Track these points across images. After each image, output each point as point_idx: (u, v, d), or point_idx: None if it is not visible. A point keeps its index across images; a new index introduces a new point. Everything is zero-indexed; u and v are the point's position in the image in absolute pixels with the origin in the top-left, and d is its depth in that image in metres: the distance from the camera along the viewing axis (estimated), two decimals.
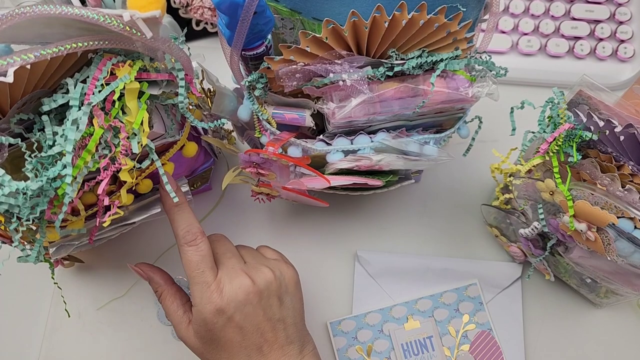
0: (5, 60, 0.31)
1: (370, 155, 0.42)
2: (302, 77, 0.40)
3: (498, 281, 0.55)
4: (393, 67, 0.40)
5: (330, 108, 0.40)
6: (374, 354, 0.53)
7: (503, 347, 0.53)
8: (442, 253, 0.57)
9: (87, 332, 0.56)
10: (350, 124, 0.42)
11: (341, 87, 0.39)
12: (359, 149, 0.42)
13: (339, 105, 0.40)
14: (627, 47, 0.61)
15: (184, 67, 0.39)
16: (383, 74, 0.40)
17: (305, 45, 0.38)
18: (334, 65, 0.39)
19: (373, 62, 0.40)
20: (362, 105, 0.40)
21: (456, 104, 0.41)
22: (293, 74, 0.39)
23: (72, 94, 0.36)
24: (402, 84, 0.40)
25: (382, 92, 0.40)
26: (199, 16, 0.61)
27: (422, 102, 0.40)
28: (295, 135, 0.44)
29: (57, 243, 0.45)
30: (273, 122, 0.43)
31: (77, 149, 0.35)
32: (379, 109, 0.41)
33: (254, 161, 0.44)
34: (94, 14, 0.32)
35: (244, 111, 0.44)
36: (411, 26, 0.37)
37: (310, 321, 0.55)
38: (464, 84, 0.40)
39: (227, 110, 0.45)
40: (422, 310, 0.54)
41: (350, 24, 0.36)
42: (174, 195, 0.41)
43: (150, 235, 0.58)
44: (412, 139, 0.43)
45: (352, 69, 0.39)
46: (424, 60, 0.39)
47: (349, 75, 0.39)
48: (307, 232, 0.58)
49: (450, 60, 0.40)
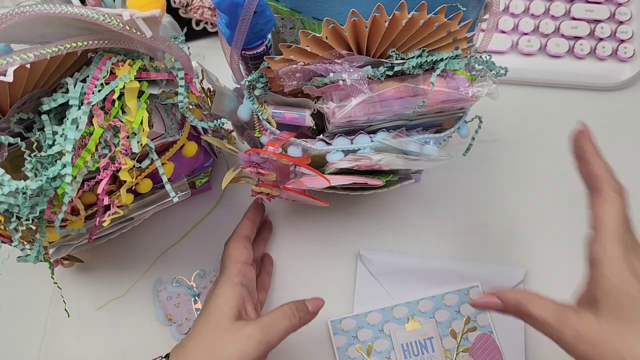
0: (5, 60, 0.31)
1: (370, 154, 0.42)
2: (302, 77, 0.40)
3: (500, 284, 0.55)
4: (393, 66, 0.40)
5: (330, 108, 0.40)
6: (373, 354, 0.53)
7: (504, 350, 0.53)
8: (444, 254, 0.57)
9: (87, 332, 0.56)
10: (351, 124, 0.42)
11: (341, 87, 0.39)
12: (359, 149, 0.42)
13: (339, 104, 0.40)
14: (627, 47, 0.61)
15: (184, 66, 0.39)
16: (383, 74, 0.40)
17: (306, 45, 0.38)
18: (334, 65, 0.39)
19: (373, 62, 0.40)
20: (362, 104, 0.40)
21: (456, 103, 0.41)
22: (293, 73, 0.39)
23: (72, 93, 0.36)
24: (402, 84, 0.40)
25: (382, 91, 0.40)
26: (199, 16, 0.61)
27: (422, 101, 0.40)
28: (295, 135, 0.44)
29: (57, 243, 0.45)
30: (273, 122, 0.43)
31: (76, 148, 0.35)
32: (379, 109, 0.41)
33: (254, 161, 0.44)
34: (94, 13, 0.32)
35: (244, 111, 0.44)
36: (411, 26, 0.37)
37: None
38: (464, 83, 0.40)
39: (227, 110, 0.45)
40: (424, 311, 0.54)
41: (350, 24, 0.36)
42: (173, 195, 0.41)
43: (150, 235, 0.58)
44: (412, 138, 0.43)
45: (352, 69, 0.39)
46: (424, 60, 0.39)
47: (349, 75, 0.39)
48: (308, 231, 0.58)
49: (450, 60, 0.40)
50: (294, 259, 0.57)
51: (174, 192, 0.41)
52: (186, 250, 0.58)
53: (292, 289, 0.56)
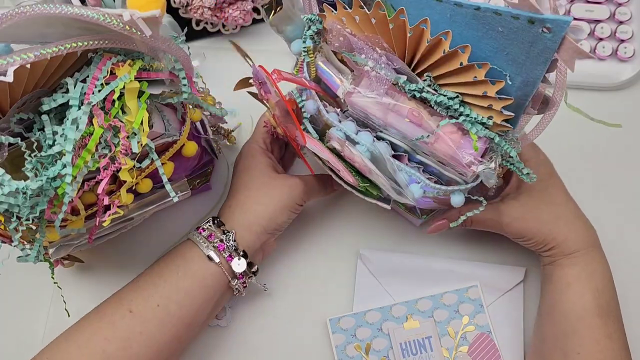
0: (5, 60, 0.31)
1: (362, 156, 0.41)
2: (345, 43, 0.39)
3: (499, 284, 0.55)
4: (423, 90, 0.38)
5: (349, 88, 0.40)
6: (372, 352, 0.53)
7: (502, 350, 0.53)
8: (444, 254, 0.57)
9: None
10: (367, 117, 0.42)
11: (369, 76, 0.39)
12: (357, 143, 0.42)
13: (358, 88, 0.40)
14: (627, 46, 0.61)
15: (184, 66, 0.39)
16: (412, 91, 0.39)
17: (355, 15, 0.38)
18: (371, 51, 0.38)
19: (410, 75, 0.39)
20: (377, 105, 0.40)
21: (458, 165, 0.40)
22: (338, 34, 0.39)
23: (72, 93, 0.36)
24: (420, 109, 0.39)
25: (399, 104, 0.39)
26: (199, 16, 0.61)
27: (423, 136, 0.39)
28: (317, 92, 0.44)
29: (57, 243, 0.45)
30: (312, 69, 0.43)
31: (77, 148, 0.35)
32: (389, 119, 0.40)
33: (259, 78, 0.44)
34: (94, 13, 0.32)
35: (296, 46, 0.43)
36: (450, 60, 0.36)
37: (310, 317, 0.55)
38: (469, 149, 0.38)
39: (286, 33, 0.45)
40: (422, 310, 0.54)
41: (399, 24, 0.36)
42: (173, 195, 0.42)
43: (150, 235, 0.58)
44: (405, 168, 0.42)
45: (385, 65, 0.38)
46: (453, 105, 0.38)
47: (375, 66, 0.38)
48: (309, 229, 0.58)
49: (472, 120, 0.38)
50: (294, 257, 0.57)
51: (174, 192, 0.42)
52: None
53: (293, 287, 0.57)
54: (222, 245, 0.47)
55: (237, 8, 0.60)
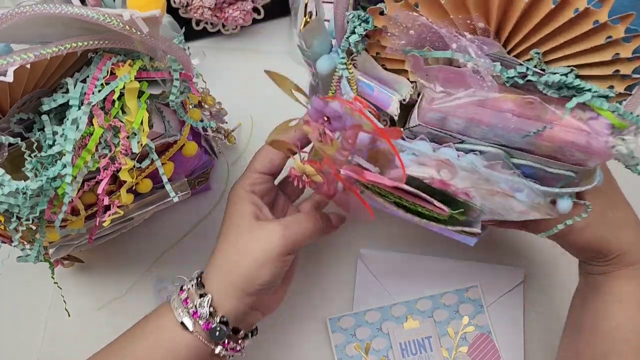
0: (5, 60, 0.31)
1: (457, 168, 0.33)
2: (416, 39, 0.31)
3: (499, 285, 0.55)
4: (527, 74, 0.31)
5: (434, 93, 0.32)
6: (371, 352, 0.53)
7: (502, 350, 0.53)
8: (444, 254, 0.57)
9: (87, 332, 0.56)
10: (442, 127, 0.34)
11: (454, 72, 0.31)
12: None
13: (445, 91, 0.31)
14: None
15: (184, 66, 0.39)
16: (511, 78, 0.31)
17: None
18: (461, 39, 0.30)
19: (505, 60, 0.31)
20: (468, 105, 0.32)
21: (578, 151, 0.33)
22: (409, 27, 0.31)
23: (72, 93, 0.36)
24: (530, 97, 0.31)
25: (498, 98, 0.31)
26: (199, 16, 0.61)
27: (539, 129, 0.31)
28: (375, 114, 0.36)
29: (57, 243, 0.45)
30: (354, 85, 0.35)
31: (77, 148, 0.35)
32: (486, 118, 0.32)
33: (327, 114, 0.33)
34: (94, 13, 0.32)
35: (325, 62, 0.36)
36: (560, 12, 0.28)
37: (310, 317, 0.55)
38: (606, 130, 0.31)
39: (313, 48, 0.37)
40: (422, 310, 0.54)
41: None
42: (173, 195, 0.41)
43: (150, 235, 0.58)
44: (508, 177, 0.34)
45: (481, 53, 0.30)
46: (570, 82, 0.30)
47: (476, 57, 0.30)
48: None
49: (598, 96, 0.31)
50: None
51: (174, 192, 0.42)
52: (186, 250, 0.58)
53: (293, 286, 0.56)
54: (196, 313, 0.41)
55: (237, 8, 0.60)
